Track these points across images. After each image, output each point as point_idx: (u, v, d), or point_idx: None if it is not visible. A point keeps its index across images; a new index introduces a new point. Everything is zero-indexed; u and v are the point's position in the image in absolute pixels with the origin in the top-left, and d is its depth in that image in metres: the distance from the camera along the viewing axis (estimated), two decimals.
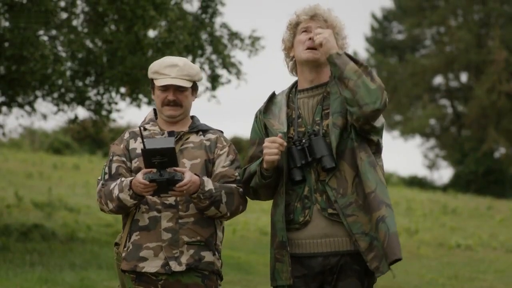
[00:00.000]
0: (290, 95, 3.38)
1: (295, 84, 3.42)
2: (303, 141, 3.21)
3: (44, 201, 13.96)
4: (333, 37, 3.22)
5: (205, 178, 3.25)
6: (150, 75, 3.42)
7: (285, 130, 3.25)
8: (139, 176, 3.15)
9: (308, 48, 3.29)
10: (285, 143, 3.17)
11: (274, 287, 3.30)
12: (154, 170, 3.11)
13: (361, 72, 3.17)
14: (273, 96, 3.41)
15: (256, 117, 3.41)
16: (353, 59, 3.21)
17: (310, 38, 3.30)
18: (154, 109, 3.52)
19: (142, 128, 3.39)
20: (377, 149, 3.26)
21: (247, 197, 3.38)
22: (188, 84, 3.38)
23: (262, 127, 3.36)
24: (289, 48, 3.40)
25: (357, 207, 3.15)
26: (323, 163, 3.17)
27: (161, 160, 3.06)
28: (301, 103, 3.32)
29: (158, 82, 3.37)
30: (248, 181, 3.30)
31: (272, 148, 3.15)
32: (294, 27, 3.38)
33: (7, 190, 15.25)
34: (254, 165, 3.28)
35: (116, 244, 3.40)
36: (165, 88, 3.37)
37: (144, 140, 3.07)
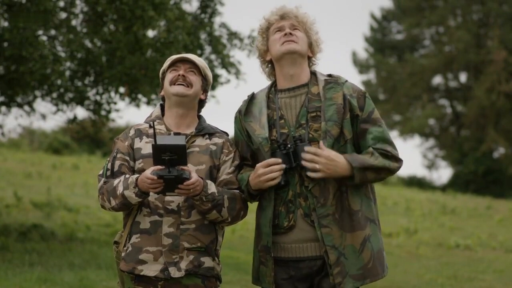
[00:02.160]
0: (270, 95, 3.34)
1: (273, 84, 3.38)
2: (289, 145, 3.17)
3: (43, 201, 13.97)
4: (331, 158, 3.11)
5: (208, 181, 3.23)
6: (165, 68, 3.42)
7: (267, 134, 3.22)
8: (147, 172, 3.11)
9: (285, 42, 3.28)
10: (283, 166, 3.14)
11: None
12: (163, 167, 3.09)
13: (379, 176, 3.18)
14: (252, 97, 3.38)
15: (235, 118, 3.39)
16: (366, 167, 3.13)
17: (285, 34, 3.29)
18: (161, 105, 3.49)
19: (150, 124, 3.37)
20: None
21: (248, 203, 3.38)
22: (200, 63, 3.39)
23: (243, 129, 3.33)
24: (264, 52, 3.38)
25: (333, 220, 3.13)
26: (308, 171, 3.14)
27: (171, 157, 3.03)
28: (283, 103, 3.28)
29: (172, 62, 3.39)
30: (240, 190, 3.34)
31: (268, 174, 3.14)
32: (266, 31, 3.38)
33: (6, 190, 15.26)
34: (242, 184, 3.28)
35: (116, 243, 3.39)
36: (177, 67, 3.38)
37: (156, 135, 3.05)
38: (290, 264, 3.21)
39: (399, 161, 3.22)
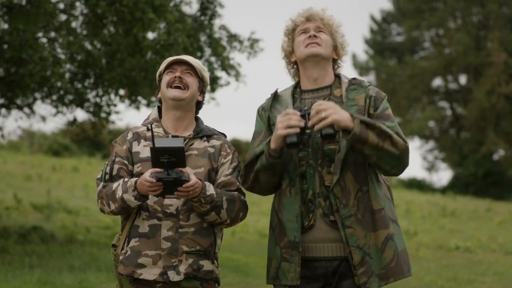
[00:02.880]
0: (295, 95, 3.36)
1: (298, 84, 3.40)
2: (305, 107, 3.14)
3: (43, 203, 13.96)
4: (338, 108, 3.09)
5: (207, 183, 3.22)
6: (162, 70, 3.41)
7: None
8: (146, 175, 3.10)
9: (309, 44, 3.29)
10: (302, 123, 3.10)
11: (274, 285, 3.29)
12: (161, 170, 3.08)
13: (381, 142, 3.10)
14: (276, 94, 3.40)
15: (258, 112, 3.39)
16: (368, 123, 3.09)
17: (309, 36, 3.30)
18: (159, 107, 3.48)
19: (148, 127, 3.36)
20: None
21: (246, 201, 3.36)
22: (196, 64, 3.39)
23: (265, 122, 3.33)
24: (289, 53, 3.40)
25: (355, 221, 3.15)
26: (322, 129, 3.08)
27: (169, 159, 3.02)
28: (307, 104, 3.28)
29: (168, 64, 3.38)
30: (252, 163, 3.25)
31: (286, 122, 3.07)
32: (292, 32, 3.39)
33: (6, 192, 15.25)
34: (261, 145, 3.23)
35: (113, 246, 3.38)
36: (173, 69, 3.37)
37: (154, 138, 3.04)
38: (306, 263, 3.21)
39: (405, 141, 3.17)
